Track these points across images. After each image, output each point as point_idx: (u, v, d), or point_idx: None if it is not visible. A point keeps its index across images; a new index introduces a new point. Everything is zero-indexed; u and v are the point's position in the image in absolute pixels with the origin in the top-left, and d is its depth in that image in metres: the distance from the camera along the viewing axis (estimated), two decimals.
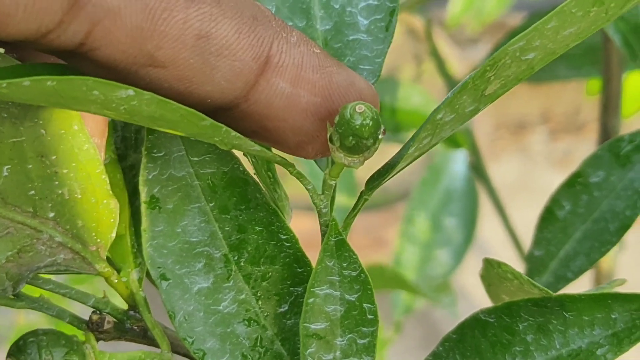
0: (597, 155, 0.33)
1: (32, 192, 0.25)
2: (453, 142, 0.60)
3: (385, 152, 0.30)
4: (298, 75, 0.25)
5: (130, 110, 0.22)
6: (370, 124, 0.24)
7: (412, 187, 0.77)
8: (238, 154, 0.27)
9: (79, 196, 0.26)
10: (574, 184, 0.34)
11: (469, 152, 0.63)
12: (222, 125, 0.23)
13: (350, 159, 0.25)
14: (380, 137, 0.25)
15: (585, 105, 1.83)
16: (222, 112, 0.25)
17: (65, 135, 0.25)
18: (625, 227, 0.33)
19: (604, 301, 0.26)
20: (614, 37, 0.40)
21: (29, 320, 1.02)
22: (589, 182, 0.33)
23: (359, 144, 0.25)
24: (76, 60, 0.23)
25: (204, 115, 0.22)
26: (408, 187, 1.54)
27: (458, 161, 0.70)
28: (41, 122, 0.25)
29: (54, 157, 0.25)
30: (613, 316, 0.26)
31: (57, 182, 0.26)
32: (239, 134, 0.24)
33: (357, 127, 0.24)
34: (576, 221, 0.34)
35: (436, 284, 0.69)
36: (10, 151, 0.25)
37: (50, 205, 0.26)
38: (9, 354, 0.24)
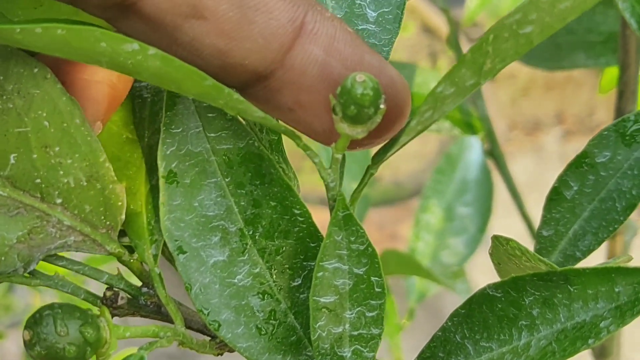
0: (603, 135, 0.34)
1: (39, 180, 0.26)
2: (469, 128, 0.60)
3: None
4: (331, 45, 0.26)
5: (137, 65, 0.23)
6: (371, 93, 0.25)
7: (426, 182, 0.77)
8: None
9: (85, 183, 0.27)
10: (580, 165, 0.34)
11: (486, 139, 0.64)
12: (225, 87, 0.24)
13: (353, 129, 0.26)
14: (381, 106, 0.26)
15: (599, 107, 1.83)
16: (260, 82, 0.26)
17: (67, 128, 0.26)
18: (632, 206, 0.33)
19: (607, 275, 0.27)
20: (630, 21, 0.40)
21: (44, 302, 1.03)
22: (595, 162, 0.34)
23: (360, 113, 0.26)
24: (124, 19, 0.24)
25: (206, 75, 0.23)
26: (421, 183, 1.55)
27: (474, 150, 0.71)
28: (44, 114, 0.26)
29: (57, 149, 0.26)
30: (617, 289, 0.27)
31: (61, 172, 0.27)
32: (242, 98, 0.25)
33: (358, 96, 0.25)
34: (584, 201, 0.34)
35: (450, 271, 0.69)
36: (16, 140, 0.26)
37: (57, 192, 0.27)
38: (26, 327, 0.25)
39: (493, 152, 0.63)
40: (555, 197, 0.35)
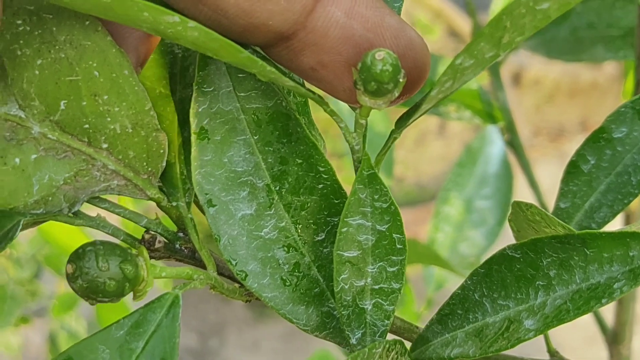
0: (620, 112, 0.35)
1: (87, 125, 0.28)
2: (490, 118, 0.61)
3: (426, 122, 0.32)
4: (352, 8, 0.27)
5: (176, 34, 0.24)
6: (390, 70, 0.27)
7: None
8: None
9: (130, 130, 0.28)
10: (598, 139, 0.35)
11: (506, 129, 0.64)
12: (259, 59, 0.25)
13: (373, 101, 0.27)
14: (400, 80, 0.27)
15: None
16: (283, 42, 0.27)
17: (116, 78, 0.28)
18: None
19: (623, 239, 0.27)
20: None
21: (69, 289, 1.04)
22: (612, 137, 0.35)
23: (380, 89, 0.27)
24: None
25: (241, 48, 0.25)
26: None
27: (494, 144, 0.72)
28: (95, 65, 0.27)
29: (106, 97, 0.28)
30: (631, 254, 0.27)
31: (109, 119, 0.28)
32: (274, 69, 0.26)
33: (378, 72, 0.26)
34: (600, 174, 0.35)
35: (467, 262, 0.70)
36: (67, 88, 0.27)
37: (103, 138, 0.28)
38: (69, 261, 0.26)
39: (513, 142, 0.64)
40: (572, 170, 0.36)
